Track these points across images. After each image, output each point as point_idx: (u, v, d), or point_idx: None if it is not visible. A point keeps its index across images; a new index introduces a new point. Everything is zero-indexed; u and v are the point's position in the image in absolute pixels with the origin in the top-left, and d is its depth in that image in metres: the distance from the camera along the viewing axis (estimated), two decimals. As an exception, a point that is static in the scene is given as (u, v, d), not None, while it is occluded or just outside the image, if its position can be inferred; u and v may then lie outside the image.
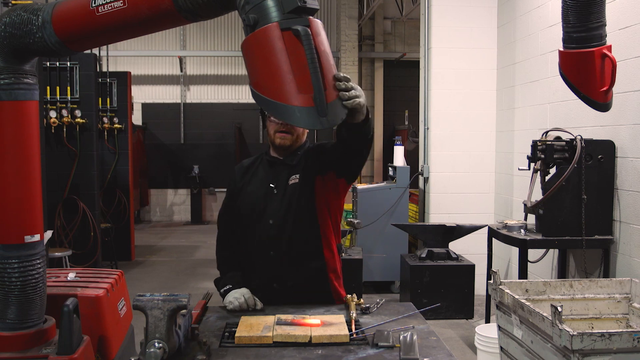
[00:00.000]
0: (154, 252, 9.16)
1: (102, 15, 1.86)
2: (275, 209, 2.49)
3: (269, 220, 2.49)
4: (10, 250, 1.94)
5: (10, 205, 1.95)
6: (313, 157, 2.51)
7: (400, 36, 12.53)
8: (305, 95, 1.60)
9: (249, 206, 2.54)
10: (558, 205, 4.04)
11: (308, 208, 2.48)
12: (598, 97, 3.04)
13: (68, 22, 1.91)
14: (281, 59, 1.59)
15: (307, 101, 1.60)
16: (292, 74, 1.59)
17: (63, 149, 6.88)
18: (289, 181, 2.50)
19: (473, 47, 6.30)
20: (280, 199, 2.50)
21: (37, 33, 1.90)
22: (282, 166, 2.54)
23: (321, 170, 2.47)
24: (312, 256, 2.51)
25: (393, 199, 6.37)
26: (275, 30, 1.58)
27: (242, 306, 2.39)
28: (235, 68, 12.79)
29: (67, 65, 6.93)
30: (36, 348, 1.96)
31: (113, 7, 1.84)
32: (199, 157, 12.57)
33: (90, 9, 1.87)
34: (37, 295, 1.99)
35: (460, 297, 5.44)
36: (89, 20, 1.88)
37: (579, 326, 3.04)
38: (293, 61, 1.59)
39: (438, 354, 1.93)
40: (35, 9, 1.93)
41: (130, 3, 1.82)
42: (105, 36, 1.99)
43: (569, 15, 2.91)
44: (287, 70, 1.59)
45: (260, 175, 2.58)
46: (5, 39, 1.91)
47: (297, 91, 1.59)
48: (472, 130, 6.35)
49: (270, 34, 1.58)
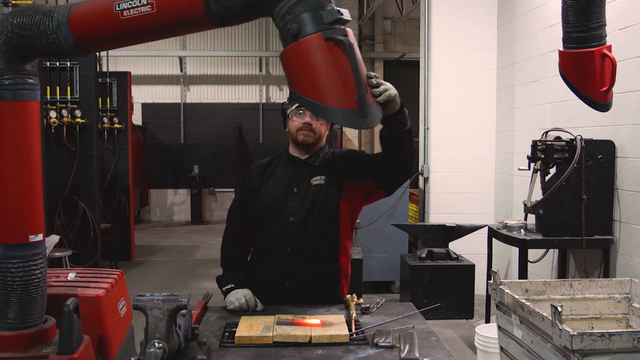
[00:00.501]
0: (154, 252, 9.16)
1: (126, 19, 1.86)
2: (296, 207, 2.50)
3: (289, 218, 2.50)
4: (12, 249, 1.94)
5: (13, 205, 1.96)
6: (344, 162, 2.53)
7: (400, 36, 12.53)
8: (349, 98, 1.74)
9: (268, 203, 2.54)
10: (558, 205, 4.04)
11: (332, 210, 2.50)
12: (598, 97, 3.04)
13: (88, 25, 1.91)
14: (327, 66, 1.73)
15: (350, 104, 1.74)
16: (337, 80, 1.73)
17: (63, 149, 6.88)
18: (312, 181, 2.51)
19: (473, 47, 6.30)
20: (302, 197, 2.51)
21: (51, 35, 1.89)
22: (303, 165, 2.55)
23: (354, 176, 2.49)
24: (328, 258, 2.53)
25: (393, 199, 6.36)
26: (320, 40, 1.71)
27: (243, 307, 2.39)
28: (235, 68, 12.79)
29: (67, 65, 6.93)
30: (36, 348, 1.96)
31: (140, 12, 1.84)
32: (199, 157, 12.57)
33: (114, 13, 1.86)
34: (39, 295, 1.99)
35: (460, 297, 5.44)
36: (111, 23, 1.88)
37: (579, 326, 3.04)
38: (337, 67, 1.73)
39: (438, 354, 1.93)
40: (47, 11, 1.93)
41: (159, 8, 1.83)
42: (127, 40, 1.99)
43: (569, 15, 2.91)
44: (332, 76, 1.73)
45: (280, 172, 2.59)
46: (12, 39, 1.91)
47: (342, 95, 1.73)
48: (472, 130, 6.35)
49: (317, 43, 1.71)
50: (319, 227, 2.49)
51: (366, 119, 1.76)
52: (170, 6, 1.83)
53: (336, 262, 2.54)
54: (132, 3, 1.83)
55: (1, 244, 1.95)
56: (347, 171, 2.51)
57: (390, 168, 2.37)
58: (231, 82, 12.80)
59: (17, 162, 1.95)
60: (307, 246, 2.49)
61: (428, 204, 6.44)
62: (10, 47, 1.91)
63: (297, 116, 2.52)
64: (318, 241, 2.50)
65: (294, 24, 1.70)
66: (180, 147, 12.73)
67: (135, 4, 1.83)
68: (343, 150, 2.61)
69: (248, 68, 12.80)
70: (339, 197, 2.50)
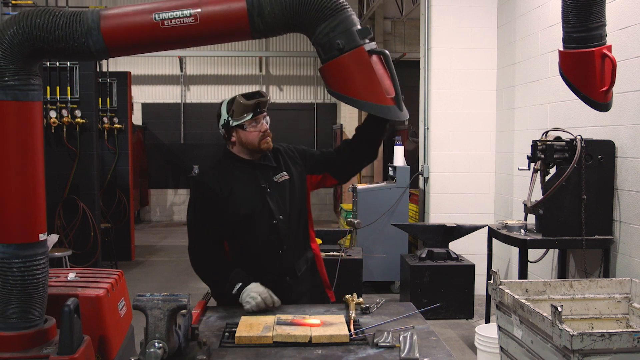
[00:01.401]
0: (154, 252, 9.16)
1: (166, 28, 1.96)
2: (278, 207, 2.58)
3: (276, 217, 2.56)
4: (15, 249, 1.94)
5: (16, 205, 1.97)
6: (302, 159, 2.73)
7: (400, 36, 12.53)
8: (389, 97, 2.14)
9: (247, 209, 2.55)
10: (558, 205, 4.04)
11: (302, 202, 2.69)
12: (598, 97, 3.04)
13: (124, 32, 1.98)
14: (373, 72, 2.12)
15: (391, 101, 2.15)
16: (380, 83, 2.12)
17: (63, 149, 6.88)
18: (277, 179, 2.63)
19: (473, 47, 6.30)
20: (278, 197, 2.60)
21: (79, 39, 1.94)
22: (263, 167, 2.64)
23: (314, 171, 2.72)
24: (307, 246, 2.73)
25: (393, 199, 6.37)
26: (365, 52, 2.10)
27: (260, 305, 2.36)
28: (235, 68, 12.80)
29: (67, 65, 6.93)
30: (37, 348, 1.97)
31: (182, 23, 1.95)
32: (199, 157, 12.55)
33: (153, 22, 1.95)
34: (40, 294, 1.99)
35: (460, 297, 5.44)
36: (151, 32, 1.97)
37: (579, 326, 3.04)
38: (379, 73, 2.13)
39: (438, 354, 1.93)
40: (72, 15, 1.97)
41: (203, 20, 1.96)
42: (161, 47, 2.10)
43: (569, 15, 2.90)
44: (377, 80, 2.12)
45: (243, 179, 2.60)
46: (29, 40, 1.92)
47: (386, 94, 2.13)
48: (472, 130, 6.35)
49: (364, 55, 2.10)
50: (299, 220, 2.66)
51: (402, 112, 2.16)
52: (214, 20, 1.99)
53: (311, 248, 2.75)
54: (174, 14, 1.95)
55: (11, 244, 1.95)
56: (307, 166, 2.72)
57: (355, 165, 2.68)
58: (231, 82, 12.80)
59: (21, 163, 1.97)
60: (296, 240, 2.65)
61: (428, 204, 6.44)
62: (25, 47, 1.92)
63: (253, 126, 2.55)
64: (300, 233, 2.67)
65: (339, 40, 2.06)
66: (180, 147, 12.73)
67: (177, 15, 1.95)
68: (295, 148, 2.78)
69: (248, 68, 12.81)
70: (304, 189, 2.70)
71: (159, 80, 12.71)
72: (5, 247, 1.95)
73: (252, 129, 2.55)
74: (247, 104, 2.50)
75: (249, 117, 2.52)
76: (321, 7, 2.04)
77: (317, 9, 2.04)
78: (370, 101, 2.13)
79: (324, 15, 2.05)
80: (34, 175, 2.00)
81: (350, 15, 2.09)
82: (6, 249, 1.95)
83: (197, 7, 1.97)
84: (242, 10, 2.00)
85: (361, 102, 2.14)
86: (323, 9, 2.04)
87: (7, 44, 1.89)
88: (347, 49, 2.07)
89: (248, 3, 2.00)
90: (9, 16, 2.00)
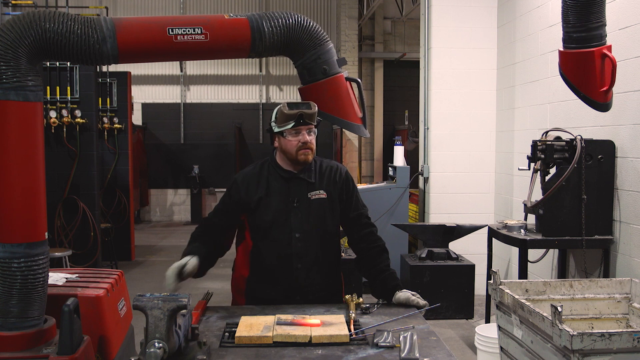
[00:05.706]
0: (154, 252, 9.16)
1: (179, 42, 2.16)
2: (301, 223, 2.57)
3: (294, 234, 2.56)
4: (16, 249, 1.94)
5: (18, 205, 1.97)
6: (340, 191, 2.68)
7: (400, 36, 12.52)
8: (359, 117, 2.65)
9: (270, 219, 2.57)
10: (558, 205, 4.04)
11: (333, 223, 2.65)
12: (598, 97, 3.04)
13: (139, 43, 2.15)
14: (350, 95, 2.62)
15: (360, 121, 2.66)
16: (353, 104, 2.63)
17: (63, 149, 6.88)
18: (311, 196, 2.60)
19: (473, 47, 6.30)
20: (305, 213, 2.58)
21: (95, 45, 2.06)
22: (299, 181, 2.61)
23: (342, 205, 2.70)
24: (333, 269, 2.67)
25: (393, 199, 6.37)
26: (344, 79, 2.60)
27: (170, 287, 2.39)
28: (235, 68, 12.79)
29: (67, 66, 6.93)
30: (37, 348, 1.97)
31: (193, 38, 2.16)
32: (199, 157, 12.56)
33: (167, 36, 2.14)
34: (40, 294, 1.99)
35: (460, 297, 5.44)
36: (164, 45, 2.17)
37: (579, 326, 3.04)
38: (352, 96, 2.63)
39: (438, 354, 1.93)
40: (86, 21, 2.07)
41: (212, 38, 2.20)
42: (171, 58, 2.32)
43: (569, 15, 2.91)
44: (351, 102, 2.63)
45: (277, 188, 2.61)
46: (40, 42, 1.95)
47: (357, 115, 2.64)
48: (472, 130, 6.35)
49: (343, 80, 2.60)
50: (325, 241, 2.61)
51: (366, 130, 2.71)
52: (222, 39, 2.25)
53: (339, 272, 2.70)
54: (186, 30, 2.17)
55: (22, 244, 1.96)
56: (340, 199, 2.69)
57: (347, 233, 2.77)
58: (231, 82, 12.80)
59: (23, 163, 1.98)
60: (315, 261, 2.58)
61: (428, 204, 6.44)
62: (34, 49, 1.93)
63: (292, 135, 2.54)
64: (325, 254, 2.62)
65: (325, 66, 2.53)
66: (180, 147, 12.73)
67: (190, 32, 2.17)
68: (343, 175, 2.71)
69: (248, 68, 12.80)
70: (337, 211, 2.67)
71: (159, 80, 12.71)
72: (16, 246, 1.95)
73: (291, 137, 2.55)
74: (289, 113, 2.51)
75: (289, 126, 2.52)
76: (312, 37, 2.48)
77: (308, 37, 2.48)
78: (344, 119, 2.61)
79: (313, 44, 2.49)
80: (36, 175, 2.01)
81: (332, 47, 2.58)
82: (16, 249, 1.94)
83: (207, 25, 2.22)
84: (246, 34, 2.31)
85: (337, 119, 2.62)
86: (313, 38, 2.49)
87: (10, 45, 1.90)
88: (330, 74, 2.54)
89: (252, 27, 2.31)
90: (12, 17, 2.00)
